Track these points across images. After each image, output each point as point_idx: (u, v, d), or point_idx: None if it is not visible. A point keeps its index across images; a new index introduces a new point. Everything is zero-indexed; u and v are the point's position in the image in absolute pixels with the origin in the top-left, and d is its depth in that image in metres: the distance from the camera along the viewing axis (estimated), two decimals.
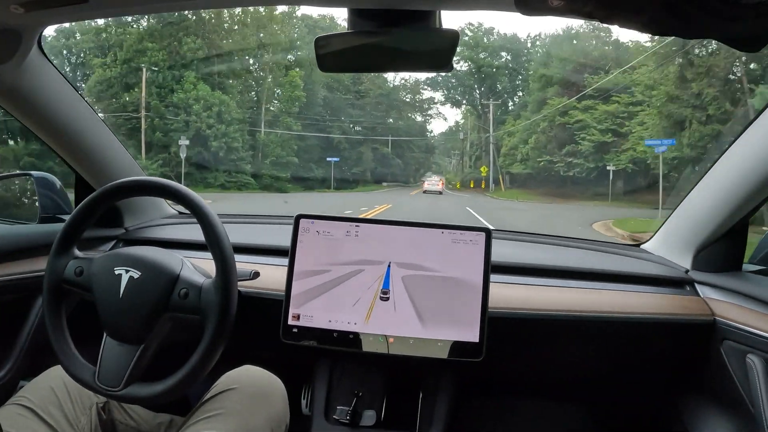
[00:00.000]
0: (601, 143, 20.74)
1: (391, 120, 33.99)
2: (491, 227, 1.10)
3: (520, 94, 32.28)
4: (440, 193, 25.54)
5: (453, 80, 34.79)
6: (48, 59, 1.05)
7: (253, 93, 25.87)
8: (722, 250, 1.15)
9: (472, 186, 31.62)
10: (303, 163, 25.58)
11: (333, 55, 0.82)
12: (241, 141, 22.09)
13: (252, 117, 24.35)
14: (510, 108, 32.66)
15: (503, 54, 33.64)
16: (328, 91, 29.34)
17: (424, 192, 25.58)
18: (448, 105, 36.52)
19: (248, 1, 0.91)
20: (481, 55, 32.91)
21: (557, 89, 24.32)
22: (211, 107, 21.09)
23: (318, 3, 0.81)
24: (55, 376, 0.93)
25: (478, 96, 34.48)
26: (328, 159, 27.06)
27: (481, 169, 30.52)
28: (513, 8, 0.56)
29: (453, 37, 0.77)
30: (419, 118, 36.81)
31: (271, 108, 25.92)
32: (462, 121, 38.75)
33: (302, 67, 25.78)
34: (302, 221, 1.10)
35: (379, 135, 32.35)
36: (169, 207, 1.58)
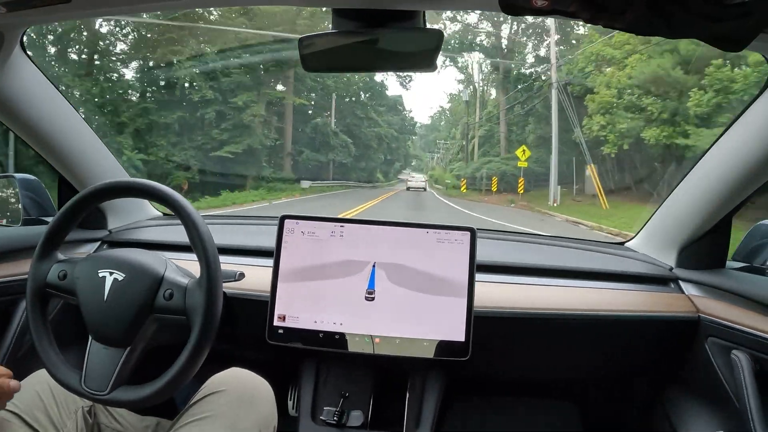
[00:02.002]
0: None
1: None
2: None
3: None
4: (424, 189, 22.36)
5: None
6: (31, 59, 1.04)
7: None
8: (706, 248, 1.16)
9: (494, 190, 16.77)
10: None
11: (317, 54, 0.82)
12: None
13: None
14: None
15: None
16: None
17: (408, 189, 21.47)
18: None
19: (234, 0, 0.91)
20: None
21: None
22: None
23: (303, 3, 0.81)
24: (40, 380, 0.92)
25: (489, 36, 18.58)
26: None
27: (518, 152, 14.90)
28: (497, 8, 0.56)
29: (437, 37, 0.78)
30: (392, 83, 22.19)
31: None
32: (449, 106, 29.34)
33: None
34: (287, 222, 1.10)
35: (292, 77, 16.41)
36: (154, 208, 1.57)
